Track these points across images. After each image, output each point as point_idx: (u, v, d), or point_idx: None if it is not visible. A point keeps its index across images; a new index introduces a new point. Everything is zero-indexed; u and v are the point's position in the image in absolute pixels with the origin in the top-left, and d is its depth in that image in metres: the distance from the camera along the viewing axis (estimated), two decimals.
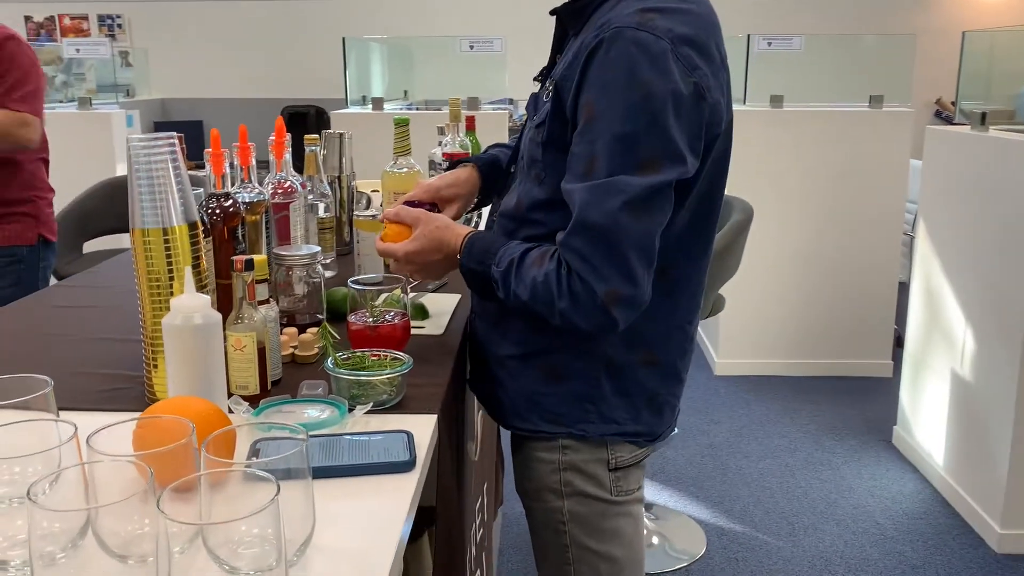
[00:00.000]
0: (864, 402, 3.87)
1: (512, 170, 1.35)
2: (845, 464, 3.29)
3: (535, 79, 1.33)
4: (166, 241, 1.09)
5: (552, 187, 1.17)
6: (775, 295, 4.12)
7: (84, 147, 4.28)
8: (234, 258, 1.11)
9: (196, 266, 1.11)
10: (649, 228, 1.09)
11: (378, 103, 4.16)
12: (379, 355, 1.18)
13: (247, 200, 1.42)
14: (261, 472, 0.69)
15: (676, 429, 2.32)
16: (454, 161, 1.56)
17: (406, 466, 0.95)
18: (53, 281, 2.78)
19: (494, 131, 3.99)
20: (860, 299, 4.10)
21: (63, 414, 1.12)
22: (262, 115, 4.56)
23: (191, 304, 1.00)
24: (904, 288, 4.76)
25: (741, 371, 4.18)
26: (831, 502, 3.01)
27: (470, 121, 2.53)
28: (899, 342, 4.24)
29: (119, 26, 6.09)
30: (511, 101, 5.30)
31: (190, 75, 6.17)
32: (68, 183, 4.00)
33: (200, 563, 0.74)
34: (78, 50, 4.69)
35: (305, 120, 5.78)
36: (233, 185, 1.44)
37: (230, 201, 1.33)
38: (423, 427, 1.07)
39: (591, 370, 1.23)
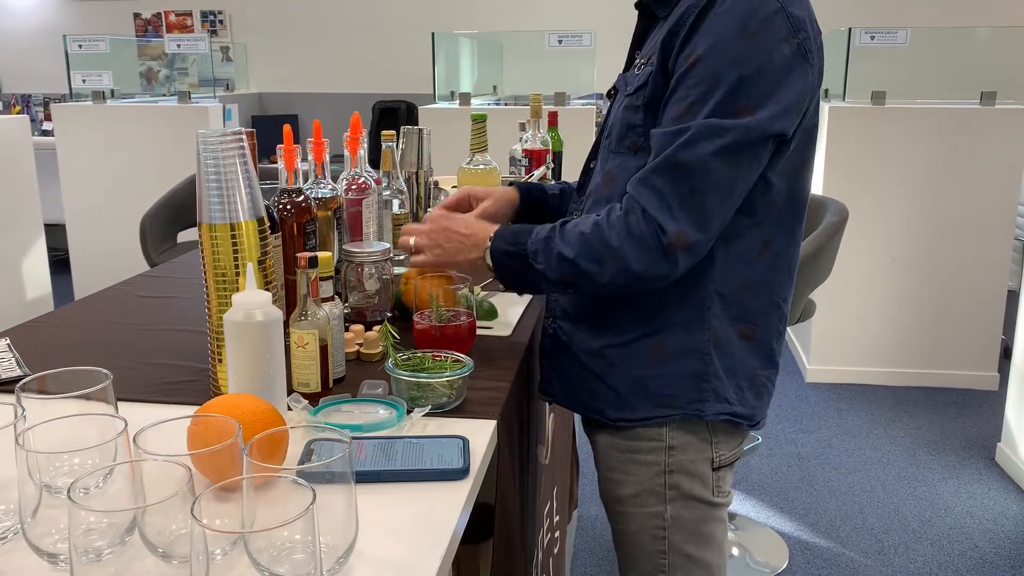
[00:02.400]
0: (965, 416, 3.67)
1: (592, 165, 1.32)
2: (942, 481, 3.12)
3: (607, 93, 1.34)
4: (233, 237, 1.09)
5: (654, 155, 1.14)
6: (872, 300, 3.94)
7: (184, 139, 4.43)
8: (298, 255, 1.10)
9: (262, 263, 1.11)
10: (736, 179, 1.09)
11: (465, 98, 4.16)
12: (440, 356, 1.15)
13: (319, 196, 1.42)
14: (299, 480, 0.68)
15: (760, 438, 2.21)
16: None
17: (459, 474, 0.92)
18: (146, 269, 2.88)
19: (580, 128, 3.94)
20: (965, 306, 3.89)
21: (130, 405, 1.15)
22: (356, 110, 4.60)
23: (252, 300, 1.00)
24: (1014, 296, 4.51)
25: (834, 379, 4.02)
26: (925, 520, 2.86)
27: (552, 117, 2.49)
28: (1007, 353, 4.01)
29: (220, 22, 6.28)
30: (600, 96, 5.24)
31: (287, 70, 6.32)
32: (167, 174, 4.15)
33: (242, 568, 0.73)
34: (179, 45, 4.85)
35: (396, 115, 5.84)
36: (307, 182, 1.44)
37: (301, 197, 1.33)
38: (481, 432, 1.04)
39: (701, 345, 1.20)
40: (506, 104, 4.54)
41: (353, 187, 1.54)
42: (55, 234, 5.00)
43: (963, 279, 3.87)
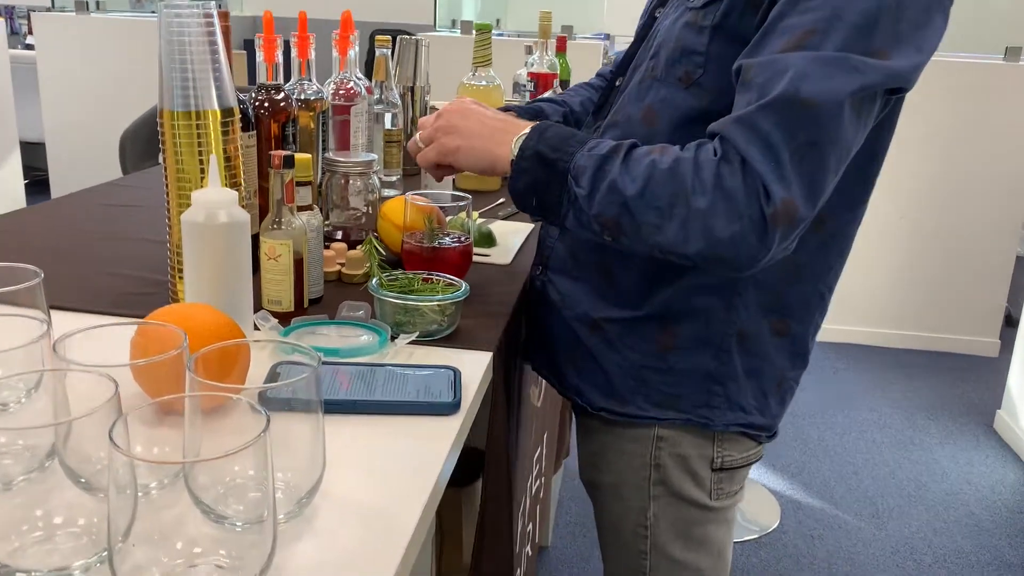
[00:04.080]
0: (965, 381, 3.58)
1: (618, 84, 1.08)
2: (939, 446, 3.04)
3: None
4: (197, 127, 0.94)
5: (715, 92, 0.91)
6: (876, 258, 3.81)
7: None
8: (271, 152, 0.96)
9: (229, 159, 0.97)
10: (856, 139, 0.85)
11: (467, 27, 3.97)
12: (431, 279, 1.02)
13: (303, 98, 1.27)
14: (252, 403, 0.54)
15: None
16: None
17: (448, 408, 0.80)
18: None
19: (586, 62, 3.76)
20: (971, 270, 3.77)
21: (78, 315, 1.01)
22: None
23: (215, 198, 0.86)
24: (1022, 263, 4.40)
25: (831, 337, 3.92)
26: (920, 485, 2.78)
27: (561, 42, 2.32)
28: (1009, 321, 3.91)
29: None
30: (607, 37, 5.03)
31: None
32: (152, 92, 3.95)
33: (182, 507, 0.60)
34: None
35: (393, 44, 5.61)
36: (289, 81, 1.29)
37: (281, 95, 1.18)
38: (475, 365, 0.91)
39: (721, 338, 0.99)
40: (509, 37, 4.34)
41: (341, 92, 1.39)
42: (35, 152, 4.81)
43: (971, 241, 3.75)
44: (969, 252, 3.77)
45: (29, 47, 5.97)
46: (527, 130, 0.95)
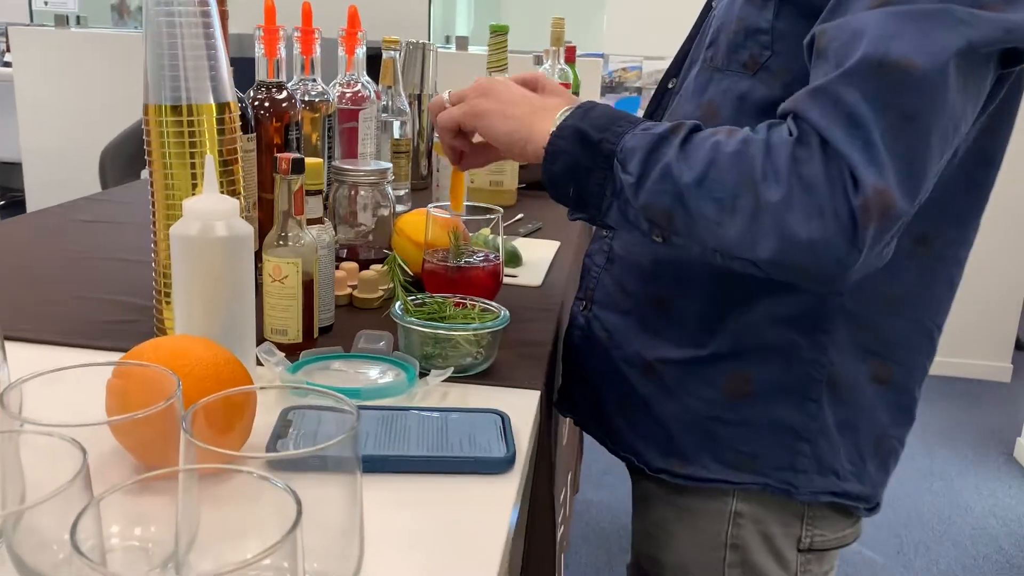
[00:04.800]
0: (979, 407, 3.45)
1: (670, 86, 0.94)
2: (960, 476, 2.90)
3: None
4: (189, 124, 0.79)
5: (787, 77, 0.76)
6: None
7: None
8: (278, 156, 0.81)
9: (227, 163, 0.82)
10: (966, 109, 0.68)
11: (463, 42, 3.84)
12: (464, 304, 0.87)
13: (306, 100, 1.13)
14: (271, 479, 0.39)
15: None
16: None
17: (502, 465, 0.64)
18: None
19: (584, 79, 3.64)
20: (981, 294, 3.66)
21: (45, 349, 0.85)
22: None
23: (212, 208, 0.71)
24: None
25: None
26: (944, 519, 2.64)
27: (570, 52, 2.19)
28: (1019, 345, 3.80)
29: None
30: (603, 56, 4.93)
31: None
32: (135, 111, 3.79)
33: None
34: None
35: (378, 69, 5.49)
36: (291, 81, 1.14)
37: (283, 93, 1.03)
38: (521, 408, 0.76)
39: (807, 384, 0.82)
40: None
41: (348, 96, 1.24)
42: (11, 173, 4.63)
43: (982, 265, 3.64)
44: (980, 276, 3.65)
45: (7, 64, 5.80)
46: (575, 106, 0.80)
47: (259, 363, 0.78)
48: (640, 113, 0.92)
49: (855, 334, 0.82)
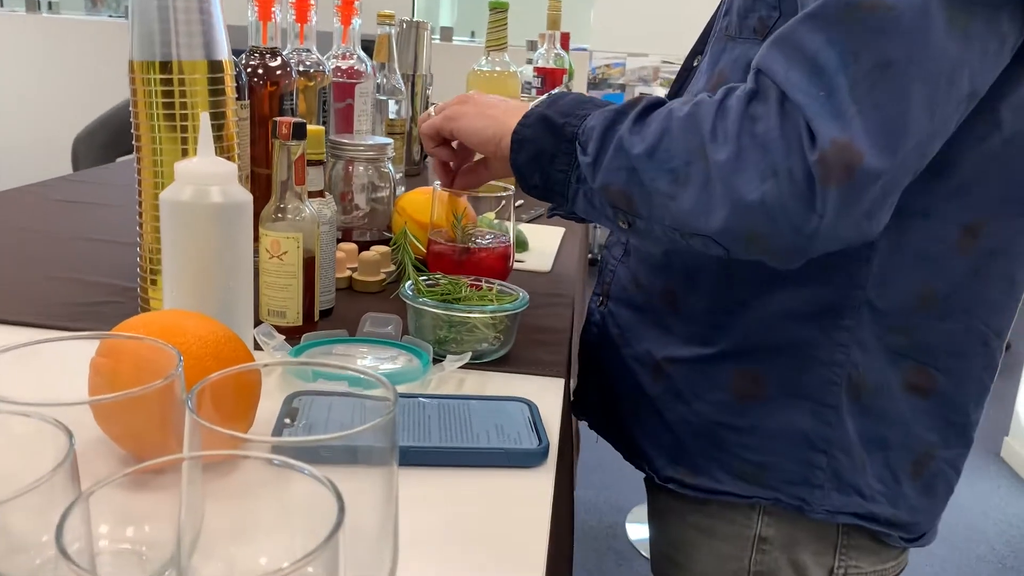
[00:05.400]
0: None
1: (695, 64, 0.86)
2: None
3: None
4: (180, 83, 0.72)
5: None
6: None
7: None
8: (277, 119, 0.74)
9: (220, 126, 0.75)
10: (962, 62, 0.59)
11: (447, 33, 3.77)
12: (480, 285, 0.80)
13: (301, 70, 1.05)
14: (301, 467, 0.32)
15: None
16: None
17: (536, 458, 0.58)
18: None
19: (575, 70, 3.58)
20: None
21: (21, 331, 0.78)
22: (328, 48, 4.12)
23: (207, 171, 0.64)
24: None
25: None
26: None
27: (564, 38, 2.13)
28: (1007, 345, 3.80)
29: None
30: (588, 51, 4.87)
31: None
32: (109, 100, 3.69)
33: None
34: None
35: (370, 52, 5.40)
36: (285, 50, 1.07)
37: (278, 60, 0.96)
38: (547, 396, 0.69)
39: (822, 387, 0.74)
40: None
41: (343, 70, 1.17)
42: None
43: None
44: None
45: None
46: (544, 99, 0.76)
47: (256, 347, 0.71)
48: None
49: (884, 335, 0.73)
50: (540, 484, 0.56)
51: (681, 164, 0.63)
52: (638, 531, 2.36)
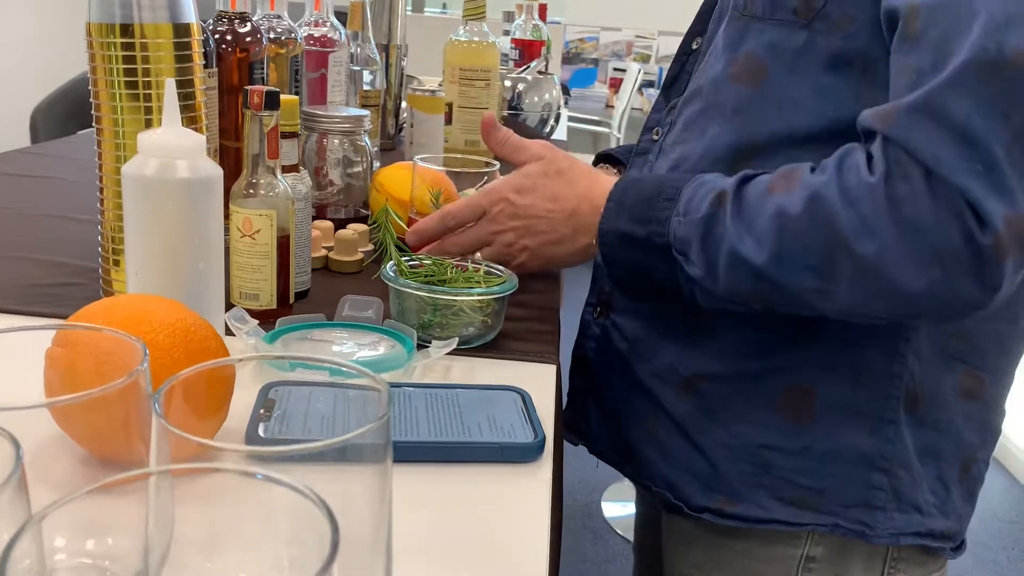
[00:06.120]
0: None
1: (694, 47, 0.80)
2: None
3: None
4: (142, 48, 0.67)
5: (848, 27, 0.64)
6: None
7: None
8: (249, 88, 0.69)
9: (188, 94, 0.69)
10: None
11: (419, 4, 3.69)
12: (466, 266, 0.76)
13: (272, 37, 1.00)
14: (285, 482, 0.28)
15: None
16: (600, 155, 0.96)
17: (530, 452, 0.54)
18: None
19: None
20: None
21: None
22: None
23: (173, 142, 0.59)
24: None
25: None
26: None
27: (542, 9, 2.08)
28: None
29: None
30: (561, 25, 4.82)
31: None
32: (69, 71, 3.57)
33: None
34: None
35: (343, 22, 5.29)
36: (255, 16, 1.01)
37: (248, 26, 0.90)
38: (538, 384, 0.66)
39: (882, 405, 0.69)
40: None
41: (316, 39, 1.12)
42: None
43: None
44: None
45: None
46: (609, 200, 0.71)
47: (228, 332, 0.66)
48: (658, 83, 0.82)
49: (942, 339, 0.69)
50: (537, 481, 0.53)
51: (820, 261, 0.59)
52: (613, 509, 2.35)
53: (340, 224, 0.96)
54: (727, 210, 0.62)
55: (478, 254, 0.78)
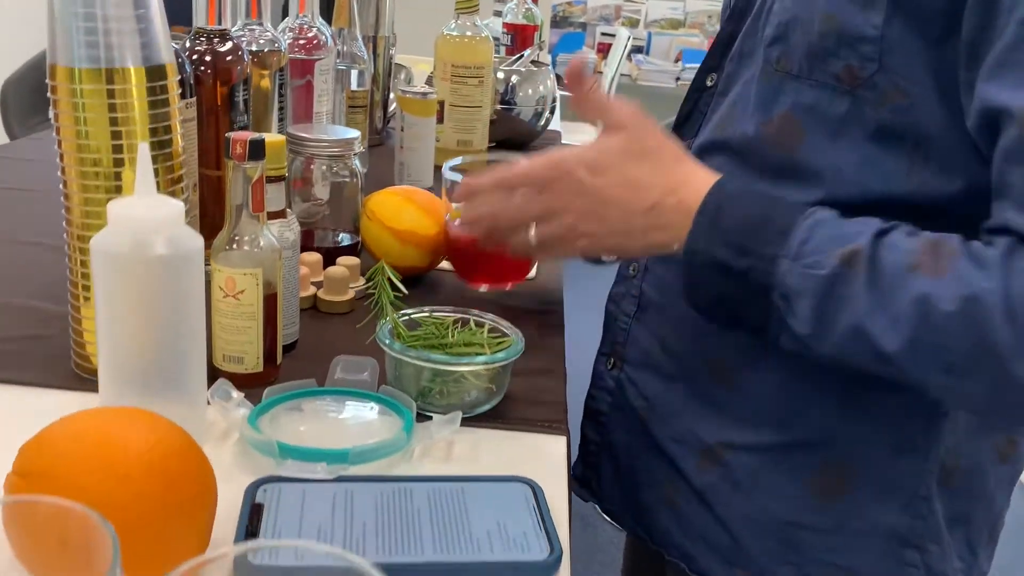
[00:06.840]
0: None
1: (709, 84, 0.73)
2: None
3: None
4: (112, 95, 0.60)
5: (899, 100, 0.58)
6: None
7: None
8: (232, 135, 0.63)
9: (165, 145, 0.63)
10: None
11: None
12: (468, 323, 0.70)
13: (253, 50, 0.93)
14: None
15: None
16: None
17: (544, 572, 0.49)
18: None
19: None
20: None
21: None
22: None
23: (149, 215, 0.53)
24: None
25: None
26: None
27: None
28: None
29: None
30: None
31: None
32: (39, 42, 3.43)
33: None
34: None
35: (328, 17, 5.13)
36: (235, 25, 0.94)
37: (228, 44, 0.83)
38: (545, 462, 0.61)
39: (919, 480, 0.66)
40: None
41: (301, 42, 1.04)
42: None
43: None
44: None
45: None
46: (703, 207, 0.61)
47: (208, 402, 0.61)
48: (671, 116, 0.75)
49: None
50: None
51: (962, 362, 0.53)
52: None
53: (329, 253, 0.90)
54: (860, 276, 0.55)
55: (532, 230, 0.68)
